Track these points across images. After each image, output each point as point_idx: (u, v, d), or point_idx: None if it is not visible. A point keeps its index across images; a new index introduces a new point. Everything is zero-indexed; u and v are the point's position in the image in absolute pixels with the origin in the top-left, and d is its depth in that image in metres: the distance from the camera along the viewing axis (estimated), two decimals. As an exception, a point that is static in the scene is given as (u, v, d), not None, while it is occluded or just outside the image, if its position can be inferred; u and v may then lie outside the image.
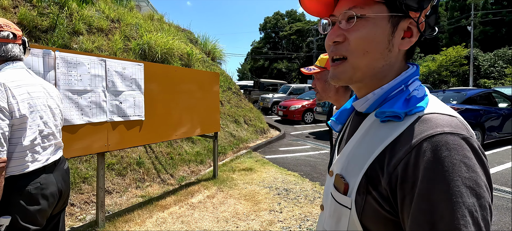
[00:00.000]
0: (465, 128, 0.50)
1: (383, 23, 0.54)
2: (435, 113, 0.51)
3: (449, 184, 0.43)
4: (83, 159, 3.72)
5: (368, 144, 0.55)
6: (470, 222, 0.42)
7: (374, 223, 0.51)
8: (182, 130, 3.75)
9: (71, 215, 3.13)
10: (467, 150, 0.45)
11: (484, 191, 0.44)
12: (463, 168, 0.44)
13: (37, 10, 4.94)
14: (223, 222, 3.11)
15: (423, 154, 0.46)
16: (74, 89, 2.45)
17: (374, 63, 0.56)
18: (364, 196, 0.52)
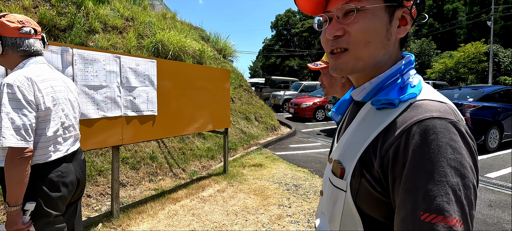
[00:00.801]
0: (454, 113, 0.52)
1: (381, 13, 0.56)
2: (426, 99, 0.53)
3: (434, 165, 0.45)
4: (98, 152, 3.86)
5: (364, 131, 0.58)
6: (453, 200, 0.44)
7: (367, 204, 0.54)
8: (194, 125, 3.83)
9: (88, 206, 3.27)
10: (454, 133, 0.47)
11: (468, 171, 0.46)
12: (449, 150, 0.46)
13: (56, 9, 5.12)
14: (232, 215, 3.17)
15: (412, 137, 0.48)
16: (90, 85, 2.56)
17: (376, 52, 0.58)
18: (359, 179, 0.55)
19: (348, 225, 0.57)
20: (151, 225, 2.90)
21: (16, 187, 1.27)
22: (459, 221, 0.43)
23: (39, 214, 1.38)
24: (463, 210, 0.44)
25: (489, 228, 2.91)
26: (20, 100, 1.28)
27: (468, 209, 0.45)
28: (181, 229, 2.86)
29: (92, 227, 2.76)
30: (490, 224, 2.99)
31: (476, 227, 2.93)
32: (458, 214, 0.44)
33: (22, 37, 1.40)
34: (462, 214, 0.44)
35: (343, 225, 0.58)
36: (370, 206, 0.54)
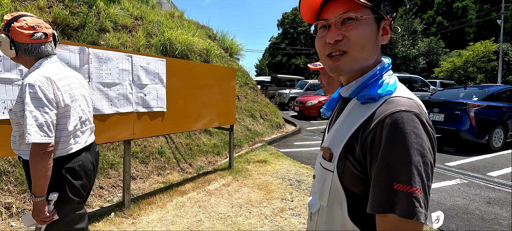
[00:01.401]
0: (418, 107, 0.64)
1: (372, 23, 0.69)
2: (397, 96, 0.66)
3: (402, 147, 0.58)
4: (110, 146, 4.04)
5: (349, 122, 0.70)
6: (416, 174, 0.57)
7: (350, 182, 0.67)
8: (201, 121, 3.98)
9: (100, 196, 3.46)
10: (417, 122, 0.60)
11: (427, 152, 0.59)
12: (412, 136, 0.58)
13: (69, 9, 5.32)
14: (237, 207, 3.31)
15: (385, 127, 0.60)
16: (104, 82, 2.73)
17: (368, 56, 0.70)
18: (344, 161, 0.67)
19: (335, 199, 0.69)
20: (160, 215, 3.06)
21: (41, 179, 1.37)
22: (419, 189, 0.56)
23: (64, 201, 1.51)
24: (423, 181, 0.57)
25: (486, 223, 3.00)
26: (41, 99, 1.38)
27: (426, 181, 0.58)
28: (188, 219, 3.01)
29: (105, 216, 2.94)
30: (487, 220, 3.07)
31: (473, 222, 3.02)
32: (419, 184, 0.57)
33: (34, 42, 1.47)
34: (422, 184, 0.57)
35: (331, 200, 0.70)
36: (352, 183, 0.66)
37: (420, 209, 0.56)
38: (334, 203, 0.70)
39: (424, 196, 0.57)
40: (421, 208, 0.56)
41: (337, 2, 0.68)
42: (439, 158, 5.66)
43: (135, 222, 2.91)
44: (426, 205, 0.57)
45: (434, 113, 6.59)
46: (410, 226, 0.56)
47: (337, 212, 0.69)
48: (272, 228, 2.87)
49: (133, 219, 2.96)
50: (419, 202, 0.56)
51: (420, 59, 23.70)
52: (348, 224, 0.67)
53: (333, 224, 0.70)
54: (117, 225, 2.83)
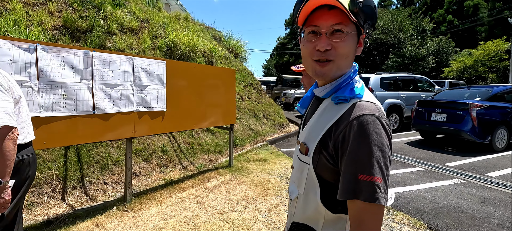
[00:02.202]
0: (379, 110, 0.75)
1: (355, 38, 0.79)
2: (363, 101, 0.77)
3: (366, 144, 0.69)
4: (114, 145, 4.24)
5: (323, 120, 0.80)
6: (377, 166, 0.68)
7: (324, 172, 0.78)
8: (200, 121, 4.13)
9: (104, 192, 3.64)
10: (378, 124, 0.72)
11: (386, 148, 0.70)
12: (374, 135, 0.70)
13: (78, 13, 5.56)
14: (233, 203, 3.44)
15: (353, 127, 0.72)
16: (107, 83, 2.90)
17: (349, 64, 0.81)
18: (318, 155, 0.77)
19: (310, 187, 0.80)
20: (159, 210, 3.22)
21: (8, 162, 1.41)
22: (379, 178, 0.68)
23: (17, 190, 1.56)
24: (382, 172, 0.69)
25: (476, 222, 3.04)
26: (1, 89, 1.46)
27: (385, 171, 0.70)
28: (186, 213, 3.16)
29: (107, 210, 3.12)
30: (478, 219, 3.11)
31: (463, 220, 3.07)
32: (379, 174, 0.68)
33: None
34: (382, 174, 0.68)
35: (307, 188, 0.81)
36: (325, 173, 0.77)
37: (381, 194, 0.67)
38: (309, 191, 0.80)
39: (384, 184, 0.69)
40: (382, 193, 0.67)
41: (330, 12, 0.75)
42: (440, 158, 5.66)
43: (136, 215, 3.08)
44: (386, 191, 0.69)
45: (437, 113, 6.58)
46: (373, 209, 0.68)
47: (312, 198, 0.79)
48: (264, 223, 2.98)
49: (133, 212, 3.13)
50: (379, 189, 0.67)
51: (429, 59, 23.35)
52: (321, 207, 0.78)
53: (308, 208, 0.81)
54: (119, 218, 3.00)
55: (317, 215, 0.79)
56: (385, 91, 8.51)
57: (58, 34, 4.94)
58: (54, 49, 2.50)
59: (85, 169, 3.73)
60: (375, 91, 8.28)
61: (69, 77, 2.60)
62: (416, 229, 2.91)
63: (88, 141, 2.85)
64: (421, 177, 4.53)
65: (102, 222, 2.88)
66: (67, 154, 3.68)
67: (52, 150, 3.57)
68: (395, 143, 7.23)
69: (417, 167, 5.11)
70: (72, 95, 2.63)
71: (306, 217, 0.82)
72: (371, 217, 0.68)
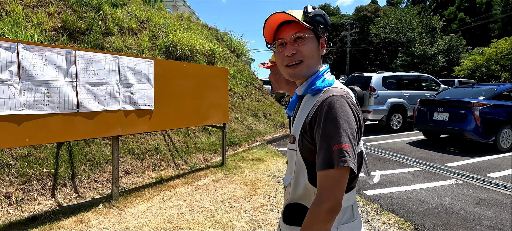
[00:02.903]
0: (344, 92, 0.89)
1: (314, 40, 0.96)
2: (333, 87, 0.93)
3: (334, 119, 0.82)
4: (107, 143, 4.29)
5: (304, 111, 0.94)
6: (344, 135, 0.80)
7: (307, 154, 0.90)
8: (191, 119, 4.14)
9: (94, 189, 3.69)
10: (343, 102, 0.84)
11: (352, 120, 0.83)
12: (341, 111, 0.83)
13: (77, 14, 5.66)
14: (220, 202, 3.44)
15: (323, 107, 0.85)
16: (91, 82, 2.94)
17: (316, 63, 0.98)
18: (302, 140, 0.91)
19: (299, 171, 0.93)
20: (145, 208, 3.24)
21: None
22: (348, 145, 0.79)
23: None
24: (350, 140, 0.80)
25: (466, 223, 2.94)
26: None
27: (352, 140, 0.81)
28: (171, 211, 3.17)
29: (94, 207, 3.16)
30: (469, 220, 3.00)
31: (453, 221, 2.97)
32: (347, 142, 0.79)
33: None
34: (349, 141, 0.80)
35: (296, 171, 0.93)
36: (308, 154, 0.90)
37: (349, 158, 0.78)
38: (299, 174, 0.93)
39: (352, 150, 0.80)
40: (350, 157, 0.78)
41: (289, 26, 0.96)
42: (440, 158, 5.51)
43: (121, 213, 3.11)
44: (354, 157, 0.80)
45: (439, 113, 6.41)
46: (342, 171, 0.78)
47: (301, 179, 0.92)
48: (247, 222, 2.96)
49: (119, 210, 3.16)
50: (348, 154, 0.78)
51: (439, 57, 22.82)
52: (309, 186, 0.90)
53: (298, 189, 0.94)
54: (104, 215, 3.03)
55: (307, 192, 0.91)
56: (388, 90, 8.35)
57: (57, 35, 5.04)
58: (37, 48, 2.55)
59: (77, 166, 3.79)
60: (377, 91, 8.13)
61: (52, 76, 2.65)
62: (402, 230, 2.83)
63: (72, 139, 2.89)
64: (417, 177, 4.41)
65: (86, 218, 2.92)
66: (59, 152, 3.75)
67: (44, 147, 3.65)
68: (396, 143, 7.08)
69: (415, 167, 4.98)
70: (55, 93, 2.68)
71: (298, 196, 0.94)
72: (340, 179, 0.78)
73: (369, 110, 8.08)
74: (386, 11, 28.70)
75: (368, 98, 8.15)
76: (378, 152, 6.15)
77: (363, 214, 3.17)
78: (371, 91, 8.12)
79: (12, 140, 2.46)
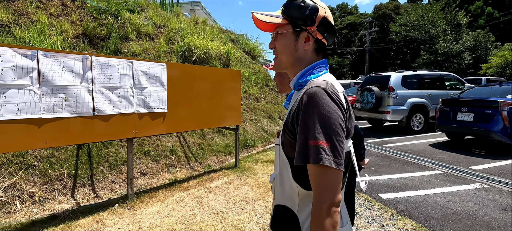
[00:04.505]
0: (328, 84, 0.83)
1: (289, 35, 0.93)
2: (315, 79, 0.88)
3: (312, 112, 0.78)
4: (124, 145, 4.42)
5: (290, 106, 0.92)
6: (321, 131, 0.75)
7: (288, 149, 0.87)
8: (205, 122, 4.19)
9: (111, 190, 3.82)
10: (324, 94, 0.79)
11: (333, 115, 0.77)
12: (320, 103, 0.78)
13: (97, 21, 5.90)
14: (231, 204, 3.44)
15: (303, 99, 0.82)
16: (106, 86, 3.04)
17: (287, 57, 0.95)
18: (283, 134, 0.88)
19: (283, 167, 0.89)
20: (159, 209, 3.31)
21: None
22: (325, 142, 0.74)
23: None
24: (328, 135, 0.75)
25: (490, 228, 2.76)
26: None
27: (333, 135, 0.75)
28: (183, 212, 3.21)
29: (110, 207, 3.26)
30: (494, 227, 2.82)
31: (475, 228, 2.80)
32: (324, 138, 0.75)
33: None
34: (327, 138, 0.75)
35: (280, 167, 0.90)
36: (289, 149, 0.86)
37: (326, 156, 0.73)
38: (283, 170, 0.89)
39: (332, 147, 0.74)
40: (327, 155, 0.73)
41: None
42: (464, 161, 5.23)
43: (135, 213, 3.19)
44: (335, 154, 0.74)
45: (463, 113, 6.10)
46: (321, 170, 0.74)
47: (286, 176, 0.88)
48: (258, 224, 2.95)
49: (134, 210, 3.24)
50: (324, 151, 0.74)
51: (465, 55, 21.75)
52: (293, 184, 0.86)
53: (284, 187, 0.89)
54: (119, 215, 3.12)
55: (292, 192, 0.86)
56: (408, 90, 8.05)
57: (78, 41, 5.28)
58: (55, 55, 2.68)
59: (95, 167, 3.94)
60: (396, 91, 7.87)
61: (69, 81, 2.77)
62: (419, 236, 2.71)
63: (88, 141, 3.00)
64: (437, 181, 4.21)
65: (102, 218, 3.02)
66: (79, 153, 3.91)
67: (65, 149, 3.82)
68: (416, 144, 6.80)
69: (436, 170, 4.76)
70: (72, 97, 2.79)
71: (284, 197, 0.89)
72: (320, 178, 0.73)
73: (387, 111, 7.83)
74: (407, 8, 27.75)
75: (387, 99, 7.89)
76: (397, 154, 5.93)
77: (378, 218, 3.06)
78: (390, 91, 7.87)
79: (33, 142, 2.60)
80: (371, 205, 3.41)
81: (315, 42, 0.93)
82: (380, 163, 5.24)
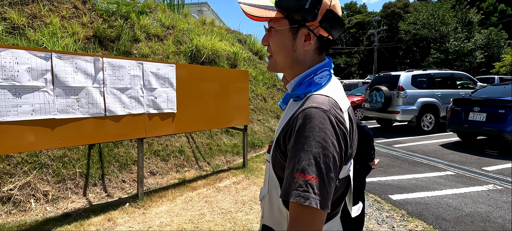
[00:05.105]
0: (329, 105, 0.69)
1: (286, 33, 0.76)
2: (317, 94, 0.72)
3: (306, 139, 0.64)
4: (134, 145, 4.49)
5: (284, 117, 0.79)
6: (313, 164, 0.62)
7: (279, 169, 0.75)
8: (213, 122, 4.21)
9: (122, 189, 3.88)
10: (323, 118, 0.65)
11: (329, 145, 0.63)
12: (316, 129, 0.64)
13: (107, 23, 6.00)
14: (240, 204, 3.46)
15: (298, 120, 0.68)
16: (117, 87, 3.09)
17: (284, 59, 0.79)
18: (275, 153, 0.76)
19: (272, 187, 0.79)
20: (168, 208, 3.34)
21: None
22: (315, 177, 0.61)
23: None
24: (320, 170, 0.62)
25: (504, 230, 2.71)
26: None
27: (325, 171, 0.62)
28: (193, 212, 3.24)
29: (121, 206, 3.31)
30: (509, 229, 2.76)
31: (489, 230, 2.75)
32: (315, 173, 0.61)
33: None
34: (318, 173, 0.62)
35: (270, 186, 0.80)
36: (280, 171, 0.74)
37: (313, 195, 0.60)
38: (272, 190, 0.78)
39: (321, 184, 0.61)
40: (315, 194, 0.60)
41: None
42: (477, 162, 5.13)
43: (145, 212, 3.23)
44: (323, 193, 0.61)
45: (475, 112, 5.97)
46: (303, 210, 0.61)
47: (275, 197, 0.77)
48: (266, 225, 2.95)
49: (144, 209, 3.29)
50: (313, 189, 0.60)
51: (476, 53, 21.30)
52: (282, 207, 0.74)
53: (272, 209, 0.79)
54: (130, 214, 3.17)
55: (280, 216, 0.76)
56: (418, 89, 7.94)
57: (89, 43, 5.37)
58: (68, 56, 2.74)
59: (106, 167, 4.00)
60: (405, 90, 7.76)
61: (82, 82, 2.82)
62: (431, 237, 2.67)
63: (100, 141, 3.06)
64: (449, 182, 4.14)
65: (113, 217, 3.07)
66: (90, 153, 3.98)
67: (77, 149, 3.90)
68: (427, 145, 6.70)
69: (447, 170, 4.68)
70: (84, 98, 2.85)
71: (272, 219, 0.79)
72: (302, 219, 0.61)
73: (397, 111, 7.74)
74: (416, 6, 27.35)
75: (396, 98, 7.80)
76: (406, 154, 5.85)
77: (388, 219, 3.03)
78: (399, 91, 7.77)
79: (47, 142, 2.66)
80: (380, 206, 3.38)
81: (318, 40, 0.76)
82: (390, 164, 5.18)
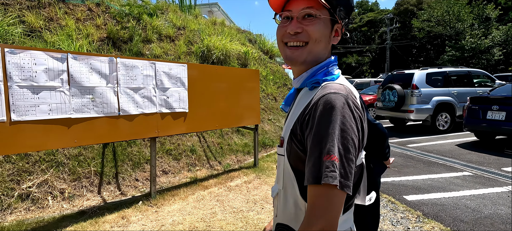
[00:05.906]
0: (346, 91, 0.72)
1: (328, 23, 0.78)
2: (333, 83, 0.75)
3: (328, 122, 0.66)
4: (147, 144, 4.55)
5: (297, 108, 0.77)
6: (335, 144, 0.64)
7: (295, 161, 0.75)
8: (224, 121, 4.23)
9: (135, 187, 3.93)
10: (343, 102, 0.68)
11: (348, 128, 0.66)
12: (338, 114, 0.67)
13: (120, 25, 6.11)
14: (251, 203, 3.45)
15: (318, 107, 0.69)
16: (131, 87, 3.14)
17: (321, 50, 0.79)
18: (290, 144, 0.75)
19: (288, 181, 0.77)
20: (181, 206, 3.37)
21: None
22: (336, 158, 0.64)
23: None
24: (340, 152, 0.64)
25: (527, 236, 2.60)
26: None
27: (344, 152, 0.65)
28: (204, 211, 3.26)
29: (134, 204, 3.36)
30: (530, 232, 2.65)
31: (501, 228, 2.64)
32: (337, 153, 0.64)
33: None
34: (339, 154, 0.64)
35: (285, 182, 0.78)
36: (297, 162, 0.74)
37: (333, 173, 0.62)
38: (287, 184, 0.77)
39: (341, 165, 0.64)
40: (335, 172, 0.62)
41: None
42: (496, 162, 4.96)
43: (158, 210, 3.27)
44: (343, 174, 0.63)
45: (494, 111, 5.78)
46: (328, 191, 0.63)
47: (290, 192, 0.76)
48: (278, 224, 2.93)
49: (157, 207, 3.33)
50: (338, 170, 0.63)
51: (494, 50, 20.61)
52: (300, 200, 0.74)
53: (288, 204, 0.78)
54: (143, 212, 3.21)
55: (298, 211, 0.75)
56: (433, 88, 7.74)
57: (103, 44, 5.48)
58: (83, 57, 2.79)
59: (120, 166, 4.08)
60: (420, 89, 7.58)
61: (96, 82, 2.88)
62: (448, 240, 2.59)
63: (114, 140, 3.11)
64: (466, 183, 4.01)
65: (127, 215, 3.12)
66: (105, 152, 4.06)
67: (91, 148, 3.98)
68: (443, 144, 6.52)
69: (464, 171, 4.54)
70: (99, 98, 2.91)
71: (288, 215, 0.78)
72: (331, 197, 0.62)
73: (411, 110, 7.56)
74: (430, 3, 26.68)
75: (410, 97, 7.63)
76: (421, 154, 5.71)
77: (403, 221, 2.96)
78: (413, 89, 7.60)
79: (63, 141, 2.72)
80: (395, 206, 3.30)
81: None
82: (404, 164, 5.07)
